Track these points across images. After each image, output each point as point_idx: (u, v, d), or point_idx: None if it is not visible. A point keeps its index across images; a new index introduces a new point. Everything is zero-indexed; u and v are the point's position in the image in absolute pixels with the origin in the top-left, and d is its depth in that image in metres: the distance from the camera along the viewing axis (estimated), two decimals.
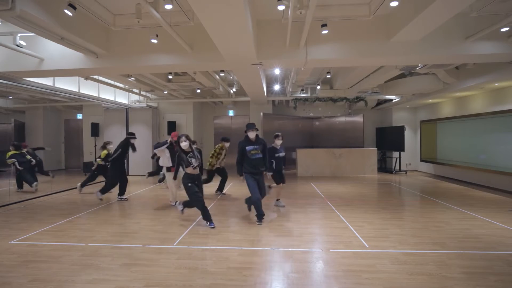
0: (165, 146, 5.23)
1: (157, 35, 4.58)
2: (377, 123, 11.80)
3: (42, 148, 8.65)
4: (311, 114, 11.74)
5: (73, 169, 11.50)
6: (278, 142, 5.02)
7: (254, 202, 4.24)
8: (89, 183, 7.11)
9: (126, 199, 6.04)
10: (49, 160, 11.07)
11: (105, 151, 6.70)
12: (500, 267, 2.80)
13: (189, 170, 4.05)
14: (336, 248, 3.31)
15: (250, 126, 4.27)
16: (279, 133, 5.08)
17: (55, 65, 5.14)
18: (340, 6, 4.51)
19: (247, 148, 4.22)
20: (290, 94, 9.73)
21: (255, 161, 4.24)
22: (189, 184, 4.04)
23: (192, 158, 4.05)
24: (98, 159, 6.84)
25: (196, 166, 4.07)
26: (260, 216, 4.26)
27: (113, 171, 5.86)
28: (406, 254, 3.13)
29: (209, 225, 4.10)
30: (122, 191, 6.03)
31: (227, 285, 2.52)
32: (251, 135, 4.25)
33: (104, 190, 5.92)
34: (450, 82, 7.17)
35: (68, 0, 3.70)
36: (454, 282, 2.54)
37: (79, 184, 6.91)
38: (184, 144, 4.05)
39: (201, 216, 4.68)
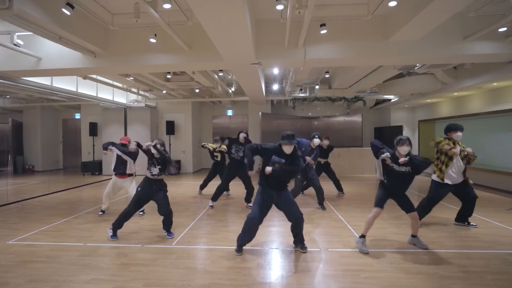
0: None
1: (155, 35, 4.57)
2: (376, 123, 11.81)
3: None
4: (309, 113, 11.75)
5: (71, 169, 11.47)
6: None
7: (246, 221, 3.24)
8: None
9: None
10: (47, 160, 11.07)
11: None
12: (497, 266, 2.82)
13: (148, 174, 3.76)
14: (334, 248, 3.32)
15: (288, 139, 3.02)
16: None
17: (53, 65, 5.11)
18: (339, 6, 4.51)
19: (274, 158, 3.07)
20: (289, 93, 9.72)
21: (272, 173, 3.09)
22: (139, 188, 3.73)
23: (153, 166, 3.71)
24: None
25: (156, 174, 3.68)
26: (240, 247, 3.25)
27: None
28: (404, 253, 3.14)
29: (111, 236, 3.65)
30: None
31: (226, 285, 2.52)
32: (287, 150, 3.05)
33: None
34: (448, 82, 7.20)
35: None
36: (451, 281, 2.55)
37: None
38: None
39: (200, 216, 4.69)
